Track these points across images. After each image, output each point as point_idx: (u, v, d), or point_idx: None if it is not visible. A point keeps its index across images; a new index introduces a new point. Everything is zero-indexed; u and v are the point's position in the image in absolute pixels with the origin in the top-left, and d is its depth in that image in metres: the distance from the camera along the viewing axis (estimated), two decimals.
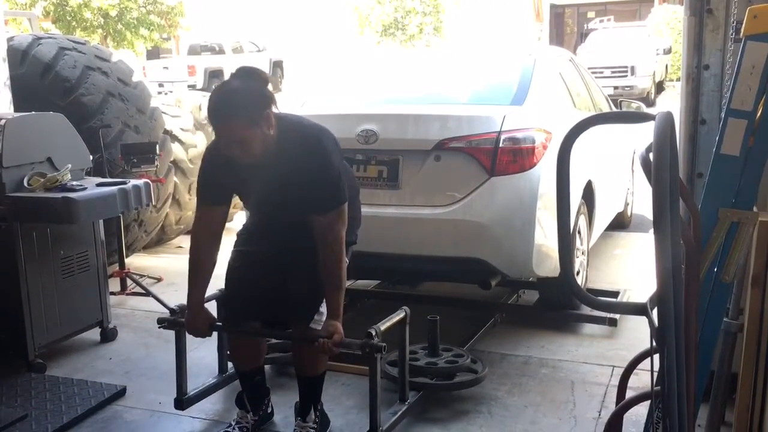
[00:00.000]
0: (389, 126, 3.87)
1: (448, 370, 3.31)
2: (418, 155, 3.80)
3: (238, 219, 5.37)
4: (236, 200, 3.09)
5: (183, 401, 3.14)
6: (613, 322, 4.02)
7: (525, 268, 3.79)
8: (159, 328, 3.03)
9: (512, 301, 4.50)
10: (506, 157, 3.68)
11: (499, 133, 3.69)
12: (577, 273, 4.24)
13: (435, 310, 3.85)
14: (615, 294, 4.45)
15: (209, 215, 2.82)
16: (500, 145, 3.68)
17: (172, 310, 3.05)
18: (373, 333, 2.74)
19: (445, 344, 3.47)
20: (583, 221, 4.29)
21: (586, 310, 4.18)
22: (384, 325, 2.87)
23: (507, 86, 4.22)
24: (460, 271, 3.83)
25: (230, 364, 3.48)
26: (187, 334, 3.00)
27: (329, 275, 2.69)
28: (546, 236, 3.73)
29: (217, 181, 2.78)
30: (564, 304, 4.18)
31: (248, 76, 2.60)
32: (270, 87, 2.63)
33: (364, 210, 3.13)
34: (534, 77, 4.23)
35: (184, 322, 2.93)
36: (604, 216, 5.00)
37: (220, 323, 2.97)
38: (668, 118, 1.63)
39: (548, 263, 3.80)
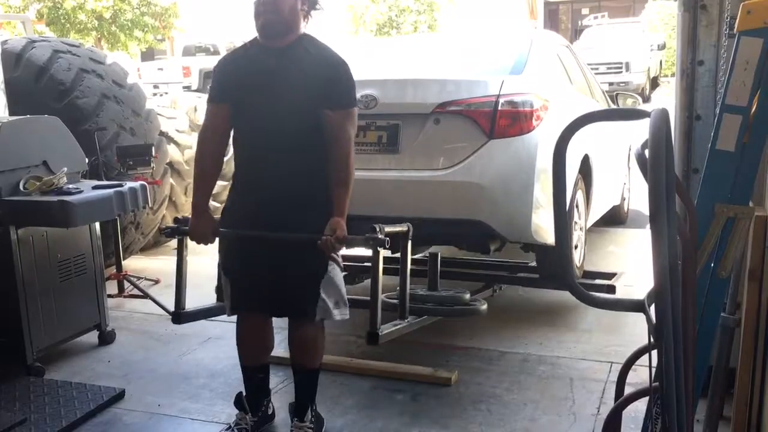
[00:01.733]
0: (388, 91, 3.90)
1: (447, 299, 3.30)
2: (417, 119, 3.82)
3: None
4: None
5: (180, 315, 3.13)
6: (611, 290, 4.07)
7: (524, 231, 3.79)
8: (162, 234, 3.02)
9: (493, 295, 4.49)
10: (505, 120, 3.71)
11: (498, 96, 3.73)
12: (575, 247, 4.26)
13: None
14: (611, 276, 4.47)
15: (216, 114, 2.87)
16: (499, 108, 3.71)
17: (176, 219, 3.07)
18: (377, 228, 2.76)
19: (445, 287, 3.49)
20: (580, 196, 4.31)
21: (584, 281, 4.19)
22: (388, 228, 2.88)
23: (506, 59, 4.27)
24: (459, 233, 3.85)
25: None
26: (189, 241, 3.01)
27: (338, 171, 2.74)
28: (544, 201, 3.73)
29: (226, 77, 2.85)
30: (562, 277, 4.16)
31: None
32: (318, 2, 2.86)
33: (364, 174, 3.14)
34: (532, 52, 4.29)
35: (187, 230, 2.95)
36: (601, 194, 5.01)
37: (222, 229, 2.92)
38: (663, 114, 1.63)
39: (547, 229, 3.79)
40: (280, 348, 3.45)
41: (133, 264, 5.53)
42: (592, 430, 2.99)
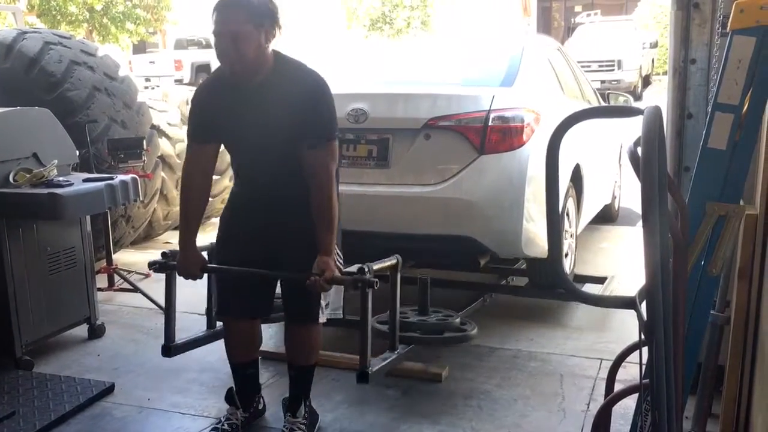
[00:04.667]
0: (379, 105, 3.89)
1: (437, 326, 3.30)
2: (407, 134, 3.81)
3: None
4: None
5: (171, 348, 3.09)
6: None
7: (514, 246, 3.80)
8: (150, 269, 2.99)
9: (504, 283, 4.53)
10: (495, 135, 3.71)
11: (489, 111, 3.72)
12: (566, 255, 4.27)
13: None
14: (602, 279, 4.48)
15: (199, 154, 2.82)
16: (489, 123, 3.71)
17: (164, 254, 3.02)
18: (365, 269, 2.71)
19: (435, 307, 3.47)
20: (571, 204, 4.32)
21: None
22: (376, 265, 2.85)
23: (496, 70, 4.25)
24: (449, 249, 3.85)
25: (219, 324, 3.42)
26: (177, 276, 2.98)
27: (321, 216, 2.68)
28: (535, 215, 3.74)
29: (206, 118, 2.78)
30: (553, 285, 4.18)
31: None
32: (279, 22, 2.66)
33: (354, 189, 3.12)
34: (523, 62, 4.27)
35: (175, 265, 2.92)
36: (592, 200, 5.03)
37: (211, 264, 2.92)
38: (656, 112, 1.63)
39: (537, 243, 3.81)
40: (270, 342, 3.45)
41: (123, 257, 5.51)
42: (581, 427, 3.00)
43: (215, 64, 2.78)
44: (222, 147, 2.90)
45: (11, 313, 3.57)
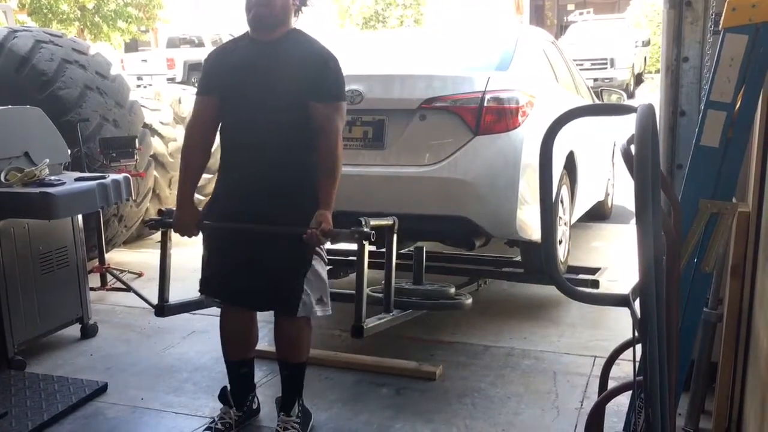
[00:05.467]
0: (374, 86, 3.89)
1: (432, 293, 3.30)
2: (403, 115, 3.82)
3: None
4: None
5: (164, 308, 3.11)
6: (595, 284, 4.11)
7: (509, 227, 3.81)
8: (145, 226, 3.00)
9: (478, 289, 4.51)
10: (491, 116, 3.72)
11: (484, 92, 3.74)
12: (560, 242, 4.28)
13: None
14: (594, 271, 4.49)
15: (204, 106, 2.87)
16: (485, 104, 3.72)
17: (160, 211, 3.04)
18: (362, 221, 2.76)
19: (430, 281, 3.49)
20: (565, 191, 4.34)
21: (568, 275, 4.22)
22: (373, 221, 2.88)
23: (492, 55, 4.27)
24: (444, 229, 3.86)
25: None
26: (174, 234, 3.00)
27: (325, 162, 2.73)
28: (529, 196, 3.75)
29: (214, 70, 2.86)
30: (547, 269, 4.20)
31: None
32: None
33: (350, 170, 3.13)
34: (518, 49, 4.29)
35: (171, 222, 2.94)
36: (586, 190, 5.04)
37: (206, 221, 2.91)
38: (650, 110, 1.64)
39: (531, 225, 3.81)
40: (264, 342, 3.44)
41: (116, 257, 5.49)
42: (575, 424, 3.01)
43: None
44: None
45: (3, 312, 3.54)
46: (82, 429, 3.10)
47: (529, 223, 3.79)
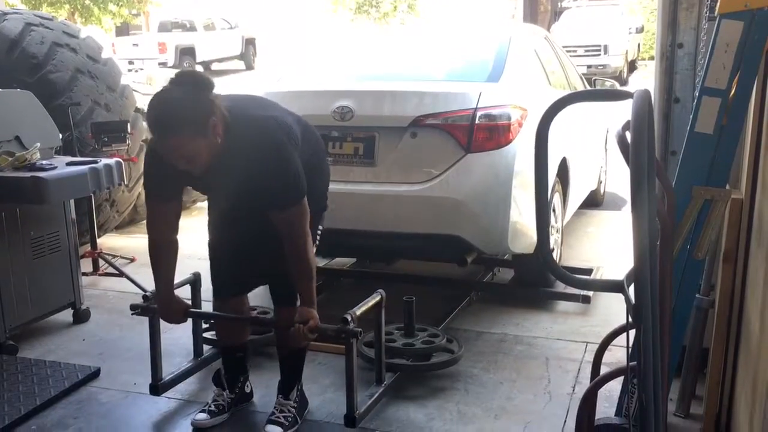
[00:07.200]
0: (365, 103, 3.86)
1: (424, 350, 3.33)
2: (394, 132, 3.79)
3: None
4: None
5: (158, 387, 3.12)
6: (586, 299, 4.07)
7: (501, 244, 3.82)
8: (132, 314, 3.01)
9: (487, 279, 4.53)
10: (482, 133, 3.69)
11: (475, 109, 3.70)
12: (552, 250, 4.27)
13: (411, 288, 3.86)
14: (588, 271, 4.50)
15: (161, 211, 2.71)
16: (476, 121, 3.69)
17: (145, 296, 3.02)
18: (349, 318, 2.75)
19: (420, 324, 3.48)
20: (557, 199, 4.33)
21: (561, 287, 4.23)
22: (359, 310, 2.88)
23: (483, 63, 4.22)
24: (436, 247, 3.84)
25: (206, 347, 3.46)
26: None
27: (297, 267, 2.64)
28: (521, 213, 3.75)
29: (164, 179, 2.62)
30: (539, 281, 4.23)
31: (189, 82, 2.45)
32: (213, 92, 2.45)
33: (340, 187, 3.10)
34: (509, 54, 4.24)
35: (156, 308, 2.91)
36: (578, 193, 5.04)
37: (194, 309, 2.94)
38: (646, 96, 1.63)
39: (524, 240, 3.82)
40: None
41: (108, 242, 5.47)
42: (567, 409, 3.03)
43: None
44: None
45: None
46: (75, 414, 3.10)
47: (521, 237, 3.80)
